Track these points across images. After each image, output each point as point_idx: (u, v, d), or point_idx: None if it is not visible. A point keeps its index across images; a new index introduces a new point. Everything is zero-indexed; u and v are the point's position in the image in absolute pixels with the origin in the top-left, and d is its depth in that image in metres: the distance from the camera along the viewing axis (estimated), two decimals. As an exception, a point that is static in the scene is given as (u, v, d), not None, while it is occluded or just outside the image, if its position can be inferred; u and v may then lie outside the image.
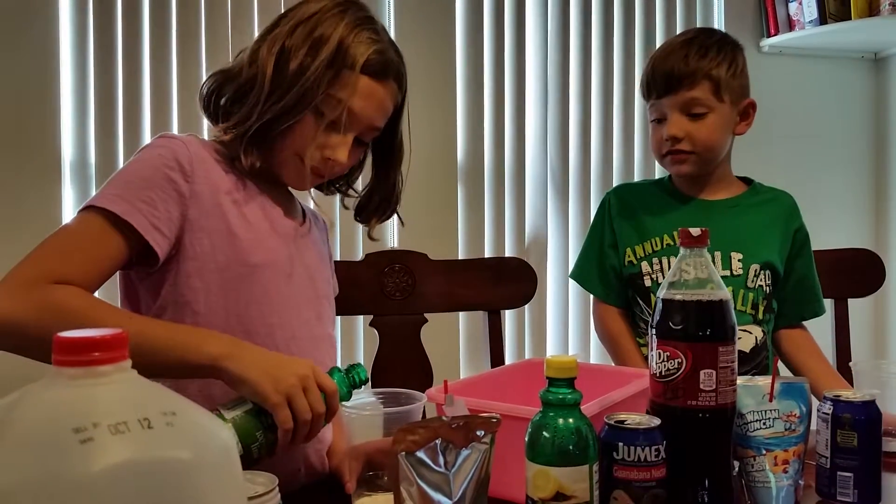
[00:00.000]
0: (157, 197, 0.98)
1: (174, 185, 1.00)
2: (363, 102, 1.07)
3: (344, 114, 1.05)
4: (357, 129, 1.10)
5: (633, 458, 0.79)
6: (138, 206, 0.97)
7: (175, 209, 1.00)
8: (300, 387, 0.88)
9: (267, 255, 1.07)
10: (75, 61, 1.89)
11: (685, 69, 1.38)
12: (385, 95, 1.10)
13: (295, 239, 1.14)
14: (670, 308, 0.87)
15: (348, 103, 1.05)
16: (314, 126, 1.05)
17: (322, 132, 1.06)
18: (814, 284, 1.52)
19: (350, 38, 1.05)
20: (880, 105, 2.72)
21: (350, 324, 2.15)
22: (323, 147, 1.07)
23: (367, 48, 1.06)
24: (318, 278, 1.18)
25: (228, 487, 0.50)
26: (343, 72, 1.04)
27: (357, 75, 1.05)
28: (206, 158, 1.06)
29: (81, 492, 0.42)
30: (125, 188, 0.98)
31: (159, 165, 1.01)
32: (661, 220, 1.48)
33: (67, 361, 0.46)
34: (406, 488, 0.69)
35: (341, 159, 1.08)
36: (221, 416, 0.87)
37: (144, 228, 0.96)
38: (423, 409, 0.96)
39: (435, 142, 2.23)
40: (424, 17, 2.22)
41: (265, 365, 0.89)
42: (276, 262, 1.08)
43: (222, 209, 1.04)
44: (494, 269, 1.62)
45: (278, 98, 1.03)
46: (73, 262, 0.94)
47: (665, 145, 1.42)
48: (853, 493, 0.91)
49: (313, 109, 1.04)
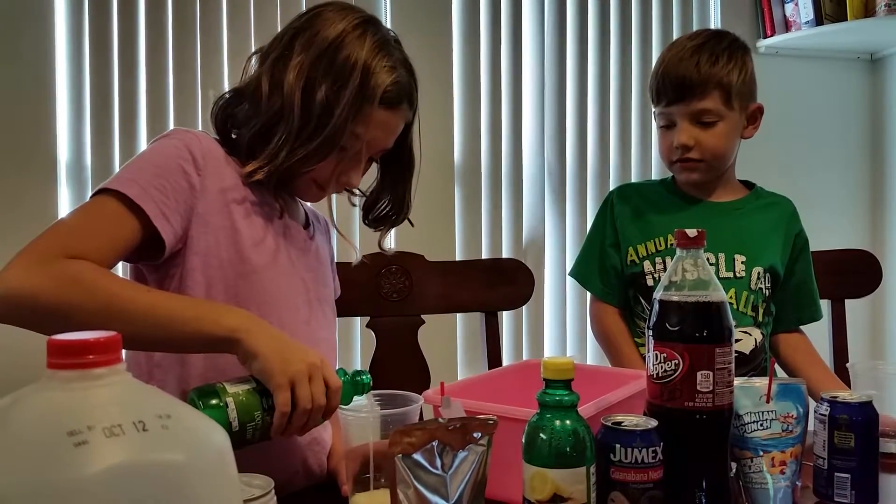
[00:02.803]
0: (170, 185, 0.99)
1: (186, 177, 1.01)
2: (379, 133, 1.09)
3: (363, 147, 1.08)
4: (370, 154, 1.13)
5: (630, 459, 0.79)
6: (151, 192, 0.97)
7: (185, 201, 1.00)
8: (307, 374, 0.88)
9: (269, 256, 1.07)
10: (71, 63, 1.89)
11: (697, 78, 1.37)
12: (398, 123, 1.12)
13: (298, 242, 1.14)
14: (667, 309, 0.87)
15: (364, 136, 1.07)
16: (335, 160, 1.08)
17: (337, 161, 1.08)
18: (812, 289, 1.52)
19: (372, 67, 1.05)
20: (876, 106, 2.72)
21: (347, 325, 2.14)
22: (339, 175, 1.10)
23: (386, 78, 1.06)
24: (320, 282, 1.18)
25: (224, 490, 0.49)
26: (364, 107, 1.05)
27: (375, 109, 1.06)
28: (217, 155, 1.06)
29: (76, 495, 0.42)
30: (139, 174, 0.99)
31: (174, 155, 1.01)
32: (666, 220, 1.48)
33: (61, 364, 0.46)
34: (403, 490, 0.69)
35: (355, 184, 1.14)
36: (224, 390, 0.86)
37: (154, 215, 0.97)
38: (419, 411, 0.96)
39: (431, 143, 2.21)
40: (421, 18, 2.22)
41: (278, 345, 0.89)
42: (278, 264, 1.08)
43: (228, 207, 1.04)
44: (491, 270, 1.62)
45: (307, 138, 1.03)
46: (88, 239, 0.94)
47: (675, 153, 1.42)
48: (850, 494, 0.92)
49: (337, 144, 1.05)
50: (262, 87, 1.05)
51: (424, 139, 1.07)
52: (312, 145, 1.03)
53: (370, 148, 1.10)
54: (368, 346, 1.52)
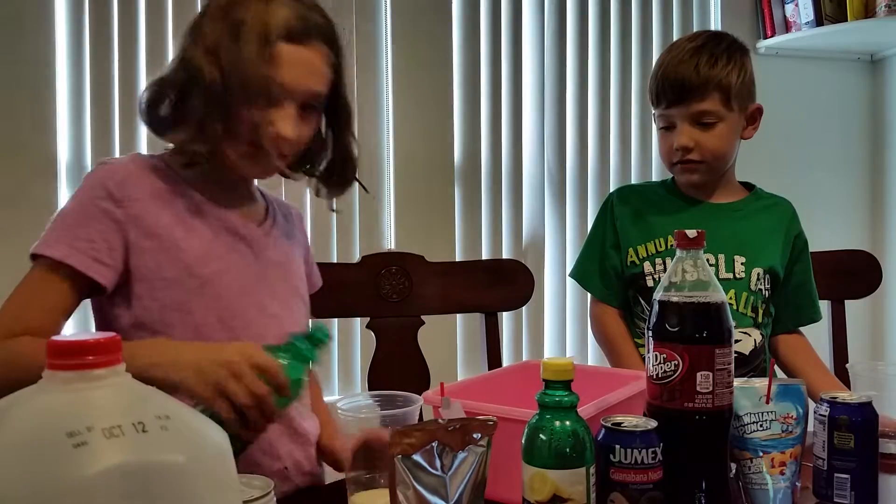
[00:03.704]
0: (95, 230, 1.01)
1: (108, 215, 1.02)
2: (291, 70, 1.03)
3: (274, 88, 1.03)
4: (296, 99, 1.06)
5: (630, 460, 0.79)
6: (77, 245, 0.99)
7: (115, 237, 1.01)
8: (229, 374, 0.86)
9: (219, 262, 1.06)
10: (71, 63, 1.89)
11: (696, 80, 1.38)
12: (313, 58, 1.06)
13: (254, 240, 1.12)
14: (667, 310, 0.87)
15: (277, 77, 1.02)
16: (254, 110, 1.03)
17: (263, 112, 1.03)
18: (811, 291, 1.52)
19: (265, 13, 1.02)
20: (877, 106, 2.72)
21: (347, 326, 2.14)
22: (267, 126, 1.04)
23: (282, 16, 1.03)
24: (285, 275, 1.17)
25: (223, 491, 0.49)
26: (264, 48, 1.01)
27: (277, 45, 1.02)
28: (138, 175, 1.06)
29: (75, 496, 0.42)
30: (63, 230, 1.01)
31: (89, 199, 1.03)
32: (666, 221, 1.48)
33: (61, 365, 0.46)
34: (402, 491, 0.69)
35: (286, 132, 1.05)
36: None
37: (86, 266, 0.99)
38: (419, 412, 0.96)
39: (432, 143, 2.24)
40: (421, 19, 2.22)
41: (190, 361, 0.88)
42: (231, 268, 1.08)
43: (164, 225, 1.04)
44: (491, 271, 1.61)
45: (219, 95, 1.01)
46: (25, 316, 0.98)
47: (675, 155, 1.43)
48: (850, 494, 0.91)
49: (249, 94, 1.02)
50: (177, 69, 1.06)
51: (424, 140, 1.07)
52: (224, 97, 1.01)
53: (292, 91, 1.05)
54: (368, 346, 1.52)
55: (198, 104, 1.02)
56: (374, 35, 2.19)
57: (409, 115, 2.22)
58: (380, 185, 2.20)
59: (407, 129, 2.21)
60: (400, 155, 2.21)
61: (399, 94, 2.20)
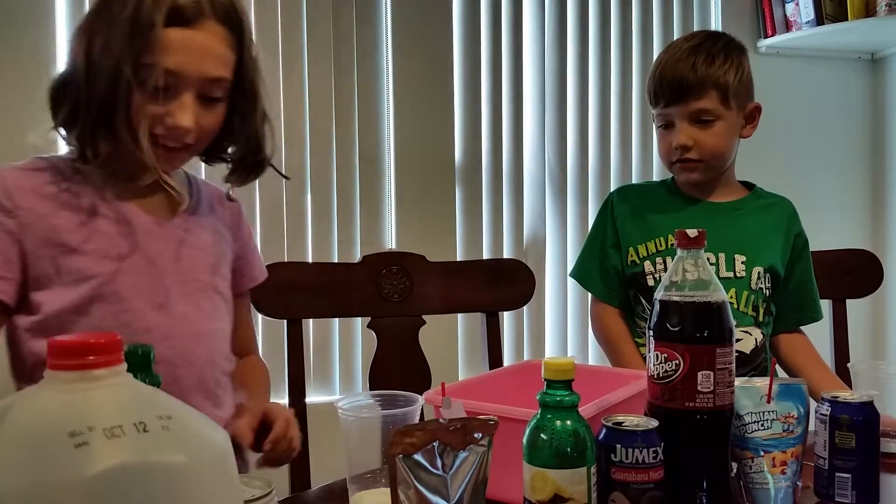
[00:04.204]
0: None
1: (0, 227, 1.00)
2: (180, 57, 0.98)
3: (162, 76, 0.97)
4: (192, 87, 1.00)
5: (630, 459, 0.79)
6: None
7: (10, 248, 1.00)
8: None
9: (118, 262, 1.04)
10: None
11: (693, 78, 1.38)
12: (208, 41, 1.00)
13: (158, 235, 1.09)
14: (668, 309, 0.87)
15: (163, 64, 0.97)
16: (144, 100, 0.98)
17: (155, 103, 0.99)
18: (812, 290, 1.52)
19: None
20: (877, 105, 2.72)
21: (348, 326, 2.15)
22: (164, 117, 1.00)
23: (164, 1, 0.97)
24: (201, 270, 1.13)
25: (224, 491, 0.49)
26: (145, 35, 0.96)
27: (161, 31, 0.96)
28: (32, 184, 1.04)
29: (76, 496, 0.42)
30: None
31: None
32: (667, 221, 1.48)
33: (62, 365, 0.46)
34: (403, 491, 0.69)
35: (185, 123, 1.00)
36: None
37: None
38: (420, 412, 0.95)
39: (432, 143, 2.24)
40: (421, 18, 2.22)
41: None
42: (133, 267, 1.05)
43: (58, 230, 1.02)
44: (492, 270, 1.61)
45: (95, 86, 0.98)
46: None
47: (674, 154, 1.43)
48: (851, 494, 0.91)
49: (138, 85, 0.97)
50: (67, 69, 1.04)
51: (425, 139, 1.06)
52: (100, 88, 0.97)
53: (185, 79, 0.99)
54: (369, 346, 1.52)
55: (84, 102, 0.99)
56: (374, 34, 2.19)
57: (410, 114, 2.22)
58: (380, 185, 2.20)
59: (407, 129, 2.21)
60: (400, 155, 2.21)
61: (399, 93, 2.20)
